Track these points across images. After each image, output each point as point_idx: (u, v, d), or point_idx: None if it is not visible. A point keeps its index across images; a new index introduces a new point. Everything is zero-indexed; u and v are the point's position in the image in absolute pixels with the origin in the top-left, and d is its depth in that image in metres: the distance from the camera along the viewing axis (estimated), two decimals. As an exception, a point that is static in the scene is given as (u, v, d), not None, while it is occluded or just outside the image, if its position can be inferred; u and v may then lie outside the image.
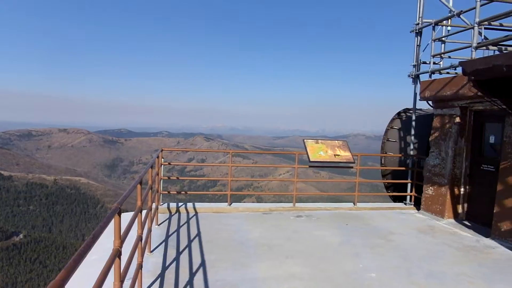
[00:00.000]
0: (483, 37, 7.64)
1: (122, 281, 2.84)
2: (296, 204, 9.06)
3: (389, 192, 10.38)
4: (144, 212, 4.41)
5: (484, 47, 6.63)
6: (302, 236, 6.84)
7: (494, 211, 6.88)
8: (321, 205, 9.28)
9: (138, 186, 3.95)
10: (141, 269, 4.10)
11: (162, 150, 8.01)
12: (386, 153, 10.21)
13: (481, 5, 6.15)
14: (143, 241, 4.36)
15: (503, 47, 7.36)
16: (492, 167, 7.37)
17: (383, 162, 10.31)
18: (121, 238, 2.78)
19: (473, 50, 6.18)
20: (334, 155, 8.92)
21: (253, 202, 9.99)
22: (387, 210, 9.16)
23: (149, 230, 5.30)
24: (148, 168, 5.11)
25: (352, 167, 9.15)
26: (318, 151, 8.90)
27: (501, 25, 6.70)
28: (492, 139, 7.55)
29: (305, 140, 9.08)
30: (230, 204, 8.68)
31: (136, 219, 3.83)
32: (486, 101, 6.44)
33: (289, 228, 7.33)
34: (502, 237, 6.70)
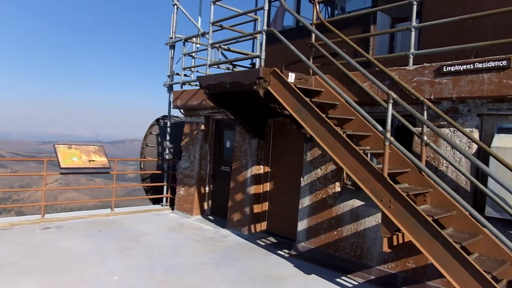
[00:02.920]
0: (220, 56, 8.96)
1: None
2: (47, 215, 8.34)
3: (149, 195, 10.81)
4: None
5: (216, 66, 7.82)
6: (46, 249, 6.36)
7: (228, 205, 8.16)
8: (75, 213, 8.84)
9: None
10: None
11: None
12: (145, 158, 10.59)
13: (213, 31, 7.22)
14: None
15: (236, 67, 8.84)
16: (228, 167, 8.71)
17: (142, 167, 10.66)
18: None
19: (208, 67, 7.20)
20: (89, 160, 8.67)
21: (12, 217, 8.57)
22: (144, 213, 9.51)
23: None
24: None
25: (108, 173, 9.09)
26: (71, 157, 8.46)
27: (228, 48, 8.05)
28: (228, 144, 8.94)
29: (55, 146, 8.48)
30: (-46, 224, 7.24)
31: None
32: (220, 112, 7.56)
33: (31, 242, 6.69)
34: (234, 226, 8.01)
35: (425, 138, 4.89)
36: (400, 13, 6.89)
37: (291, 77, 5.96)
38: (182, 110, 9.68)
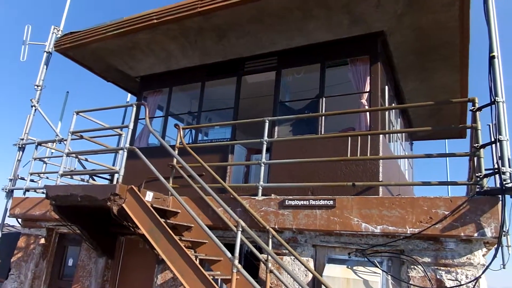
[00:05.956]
0: (77, 165, 8.53)
1: None
2: None
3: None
4: None
5: (70, 176, 7.39)
6: None
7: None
8: None
9: None
10: None
11: None
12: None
13: (72, 139, 6.98)
14: None
15: (94, 179, 8.45)
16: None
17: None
18: None
19: (59, 176, 6.74)
20: None
21: None
22: None
23: None
24: None
25: None
26: None
27: (86, 159, 7.79)
28: (70, 262, 7.98)
29: None
30: None
31: None
32: (66, 225, 6.90)
33: None
34: None
35: (270, 265, 5.20)
36: (255, 145, 7.77)
37: (149, 196, 5.95)
38: (20, 220, 8.51)
